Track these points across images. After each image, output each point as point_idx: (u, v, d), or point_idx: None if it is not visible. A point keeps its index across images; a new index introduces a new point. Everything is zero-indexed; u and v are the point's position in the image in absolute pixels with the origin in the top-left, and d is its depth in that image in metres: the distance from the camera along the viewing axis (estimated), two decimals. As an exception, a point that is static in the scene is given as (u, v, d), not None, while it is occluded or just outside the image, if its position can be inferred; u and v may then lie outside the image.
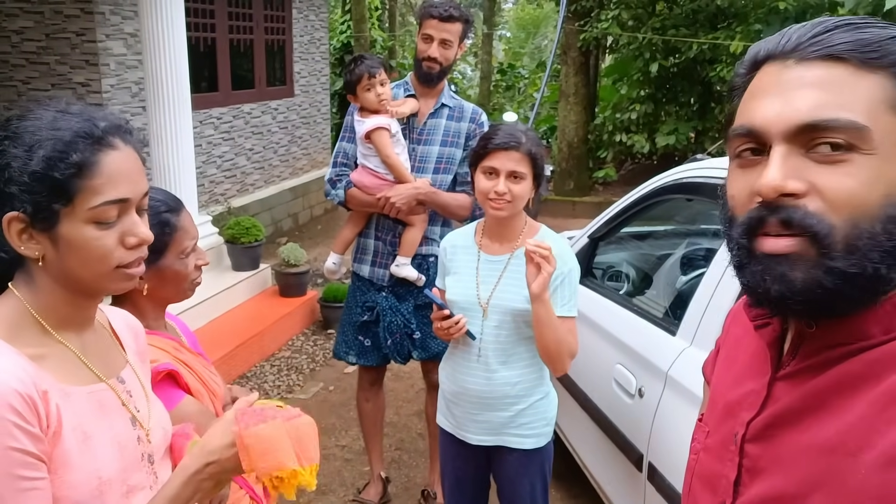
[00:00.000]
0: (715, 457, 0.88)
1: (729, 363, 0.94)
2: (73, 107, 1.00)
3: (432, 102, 2.88)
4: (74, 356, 1.02)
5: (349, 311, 3.05)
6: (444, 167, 2.86)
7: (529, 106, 13.71)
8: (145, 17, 4.15)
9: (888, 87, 0.70)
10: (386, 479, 3.23)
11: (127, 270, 1.01)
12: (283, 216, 7.84)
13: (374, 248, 2.95)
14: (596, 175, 9.80)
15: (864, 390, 0.72)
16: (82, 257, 0.97)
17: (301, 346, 4.90)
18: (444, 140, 2.86)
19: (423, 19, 2.79)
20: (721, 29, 7.88)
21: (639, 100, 8.99)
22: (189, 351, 1.55)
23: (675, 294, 2.78)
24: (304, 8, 8.30)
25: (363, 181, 2.84)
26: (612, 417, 2.51)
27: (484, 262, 2.16)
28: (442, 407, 2.32)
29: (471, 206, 2.84)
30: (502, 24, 22.59)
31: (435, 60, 2.77)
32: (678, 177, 2.63)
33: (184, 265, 1.50)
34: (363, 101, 2.77)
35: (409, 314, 2.93)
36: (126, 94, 5.54)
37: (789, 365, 0.81)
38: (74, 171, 0.94)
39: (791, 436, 0.77)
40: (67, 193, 0.94)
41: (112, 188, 0.97)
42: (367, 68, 2.73)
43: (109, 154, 0.97)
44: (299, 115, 8.31)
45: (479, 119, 2.90)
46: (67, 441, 0.94)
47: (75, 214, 0.95)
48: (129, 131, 1.03)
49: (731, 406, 0.87)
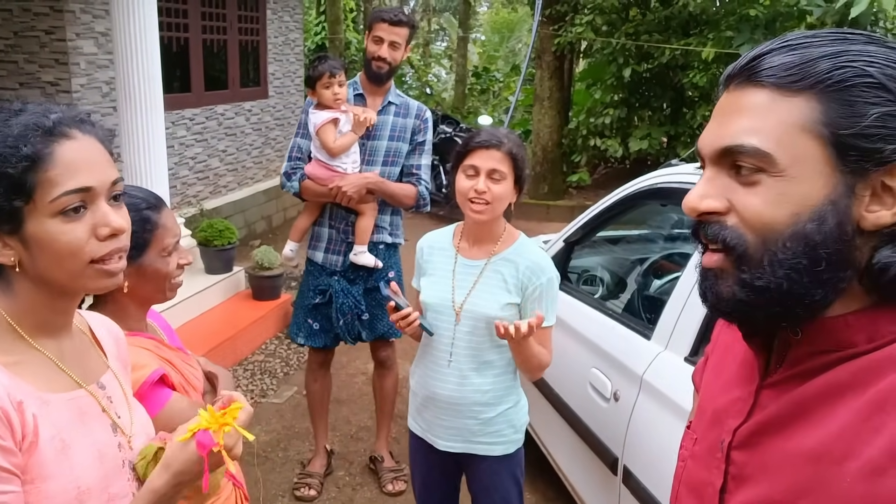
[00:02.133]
0: (702, 464, 0.88)
1: (718, 371, 0.95)
2: (30, 105, 0.97)
3: (380, 100, 3.12)
4: (52, 362, 0.99)
5: (302, 296, 3.29)
6: (391, 160, 3.12)
7: (504, 109, 13.76)
8: (117, 16, 4.08)
9: (806, 109, 0.72)
10: (330, 452, 3.50)
11: (104, 266, 0.98)
12: (256, 218, 7.77)
13: (328, 235, 3.19)
14: (570, 179, 9.85)
15: (850, 398, 0.73)
16: (53, 254, 0.94)
17: (275, 349, 4.85)
18: (392, 135, 3.12)
19: (374, 23, 3.04)
20: (693, 35, 7.98)
21: (612, 104, 9.05)
22: (169, 348, 1.54)
23: (650, 298, 2.81)
24: (279, 9, 8.24)
25: (316, 173, 3.06)
26: (588, 421, 2.52)
27: (461, 266, 2.15)
28: (412, 410, 2.31)
29: (416, 195, 3.13)
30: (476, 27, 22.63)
31: (384, 60, 3.00)
32: (652, 182, 2.66)
33: (165, 263, 1.49)
34: (320, 97, 3.01)
35: (359, 296, 3.17)
36: (97, 93, 5.45)
37: (776, 373, 0.82)
38: (28, 164, 0.91)
39: (777, 443, 0.78)
40: (25, 189, 0.91)
41: (70, 178, 0.94)
42: (329, 68, 2.97)
43: (64, 144, 0.95)
44: (273, 117, 8.25)
45: (423, 115, 3.17)
46: (44, 451, 0.92)
47: (38, 210, 0.93)
48: (88, 122, 1.00)
49: (719, 413, 0.88)
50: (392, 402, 3.50)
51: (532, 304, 2.06)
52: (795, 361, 0.80)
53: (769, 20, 7.17)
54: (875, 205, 0.72)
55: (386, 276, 3.20)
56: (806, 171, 0.72)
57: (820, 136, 0.72)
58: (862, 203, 0.72)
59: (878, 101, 0.70)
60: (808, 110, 0.72)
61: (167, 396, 1.40)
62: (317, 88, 3.00)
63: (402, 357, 4.20)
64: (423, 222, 8.43)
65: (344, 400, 4.19)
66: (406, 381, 4.28)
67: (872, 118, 0.70)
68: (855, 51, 0.72)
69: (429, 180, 3.20)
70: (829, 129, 0.71)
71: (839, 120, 0.71)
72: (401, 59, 3.08)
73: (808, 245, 0.72)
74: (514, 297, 2.07)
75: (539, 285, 2.05)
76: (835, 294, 0.74)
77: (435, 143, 8.86)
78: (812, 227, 0.72)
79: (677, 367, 2.11)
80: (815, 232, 0.72)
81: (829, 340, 0.76)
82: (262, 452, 3.60)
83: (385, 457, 3.45)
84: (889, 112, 0.69)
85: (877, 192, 0.72)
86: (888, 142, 0.70)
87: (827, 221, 0.72)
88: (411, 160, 3.14)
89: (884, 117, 0.69)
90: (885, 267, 0.71)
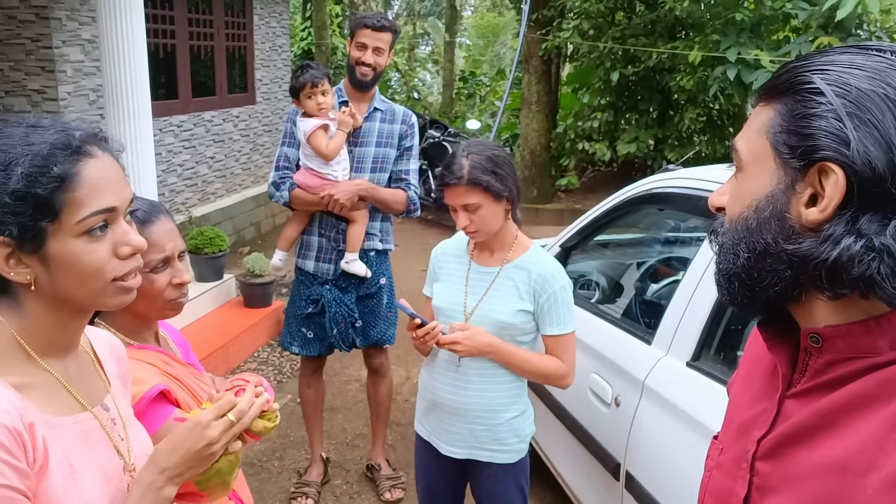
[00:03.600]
0: (727, 474, 0.88)
1: (747, 382, 0.95)
2: (44, 120, 0.95)
3: (365, 107, 3.11)
4: (59, 384, 0.97)
5: (294, 305, 3.26)
6: (380, 166, 3.11)
7: (490, 114, 13.77)
8: (103, 23, 4.04)
9: (768, 114, 0.79)
10: (326, 460, 3.47)
11: (123, 283, 0.97)
12: (245, 225, 7.72)
13: (318, 244, 3.16)
14: (559, 183, 9.87)
15: (874, 410, 0.73)
16: (76, 274, 0.93)
17: (267, 357, 4.82)
18: (379, 141, 3.11)
19: (357, 28, 3.03)
20: (679, 39, 8.02)
21: (600, 108, 9.08)
22: (180, 363, 1.50)
23: (650, 303, 2.81)
24: (266, 14, 8.21)
25: (307, 182, 3.04)
26: (588, 427, 2.52)
27: (474, 273, 2.15)
28: (419, 413, 2.31)
29: (406, 200, 3.13)
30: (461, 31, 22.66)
31: (369, 66, 3.00)
32: (650, 187, 2.66)
33: (150, 280, 1.43)
34: (305, 107, 3.00)
35: (352, 304, 3.16)
36: (83, 101, 5.40)
37: (799, 383, 0.82)
38: (57, 185, 0.90)
39: (801, 454, 0.78)
40: (52, 209, 0.90)
41: (97, 198, 0.93)
42: (310, 78, 2.95)
43: (89, 163, 0.94)
44: (261, 123, 8.20)
45: (409, 121, 3.17)
46: (54, 476, 0.89)
47: (63, 230, 0.91)
48: (104, 138, 0.99)
49: (745, 424, 0.88)
50: (387, 408, 3.48)
51: (547, 312, 2.07)
52: (818, 371, 0.80)
53: (754, 24, 7.22)
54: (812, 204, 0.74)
55: (379, 284, 3.19)
56: (757, 168, 0.79)
57: (767, 136, 0.78)
58: (800, 200, 0.75)
59: (811, 105, 0.74)
60: (767, 115, 0.79)
61: (168, 413, 1.36)
62: (300, 98, 2.99)
63: (396, 363, 4.19)
64: (412, 227, 8.41)
65: (338, 407, 4.17)
66: (400, 388, 4.30)
67: (798, 118, 0.75)
68: (820, 61, 0.76)
69: (418, 185, 3.20)
70: (773, 130, 0.78)
71: (779, 121, 0.77)
72: (385, 65, 3.07)
73: (747, 230, 0.79)
74: (526, 304, 2.07)
75: (552, 293, 2.06)
76: (784, 284, 0.77)
77: (423, 148, 8.95)
78: (750, 214, 0.79)
79: (679, 371, 2.11)
80: (752, 219, 0.79)
81: (850, 347, 0.76)
82: (258, 462, 3.56)
83: (382, 464, 3.43)
84: (815, 113, 0.73)
85: (817, 192, 0.74)
86: (815, 140, 0.73)
87: (763, 211, 0.78)
88: (400, 165, 3.14)
89: (808, 118, 0.73)
90: (833, 264, 0.72)
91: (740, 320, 2.10)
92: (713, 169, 2.50)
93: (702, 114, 8.24)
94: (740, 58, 6.76)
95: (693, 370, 2.07)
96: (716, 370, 2.00)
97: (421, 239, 8.01)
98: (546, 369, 2.10)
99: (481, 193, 1.99)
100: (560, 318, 2.07)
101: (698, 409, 1.93)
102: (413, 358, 4.73)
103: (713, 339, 2.09)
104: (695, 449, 1.89)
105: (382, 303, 3.23)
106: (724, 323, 2.08)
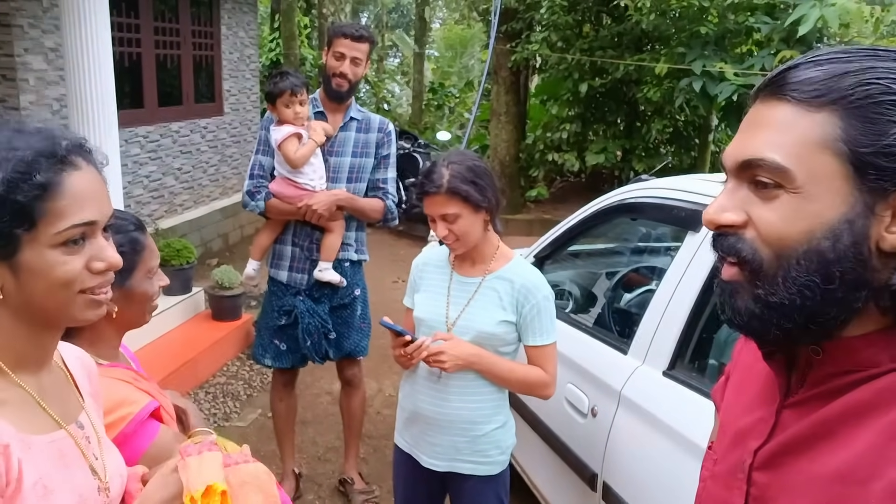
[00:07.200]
0: (722, 485, 0.87)
1: (739, 391, 0.94)
2: (29, 125, 0.93)
3: (341, 117, 3.08)
4: (33, 400, 0.94)
5: (266, 316, 3.21)
6: (356, 176, 3.08)
7: (459, 125, 13.82)
8: (67, 31, 3.95)
9: (828, 125, 0.71)
10: (298, 474, 3.41)
11: (93, 296, 0.94)
12: (212, 236, 7.60)
13: (292, 253, 3.11)
14: (529, 194, 9.92)
15: (873, 419, 0.72)
16: (46, 284, 0.90)
17: (237, 371, 4.73)
18: (355, 151, 3.08)
19: (335, 38, 2.98)
20: (646, 51, 8.14)
21: (568, 119, 9.16)
22: (145, 378, 1.48)
23: (625, 312, 2.82)
24: (234, 24, 8.13)
25: (284, 192, 2.99)
26: (564, 437, 2.51)
27: (456, 283, 2.14)
28: (399, 425, 2.28)
29: (384, 209, 3.11)
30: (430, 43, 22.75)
31: (345, 77, 2.96)
32: (623, 197, 2.67)
33: (150, 285, 1.46)
34: (280, 114, 2.93)
35: (325, 315, 3.11)
36: (46, 110, 5.28)
37: (797, 393, 0.81)
38: (38, 193, 0.87)
39: (799, 464, 0.77)
40: (31, 217, 0.87)
41: (78, 210, 0.90)
42: (290, 85, 2.89)
43: (73, 174, 0.91)
44: (229, 134, 8.11)
45: (386, 129, 3.13)
46: (27, 499, 0.86)
47: (39, 240, 0.88)
48: (89, 150, 0.96)
49: (740, 434, 0.87)
50: (360, 421, 3.44)
51: (530, 322, 2.06)
52: (818, 381, 0.79)
53: (719, 37, 7.35)
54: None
55: (354, 295, 3.16)
56: (823, 189, 0.71)
57: (839, 154, 0.71)
58: (882, 223, 0.71)
59: None
60: (829, 127, 0.71)
61: (156, 430, 1.34)
62: (277, 105, 2.92)
63: (368, 375, 4.14)
64: (382, 238, 8.38)
65: (309, 421, 4.11)
66: (372, 400, 4.25)
67: (894, 136, 0.68)
68: (883, 68, 0.71)
69: (395, 193, 3.18)
70: (849, 147, 0.70)
71: (859, 137, 0.70)
72: (362, 75, 3.04)
73: (821, 263, 0.71)
74: (509, 314, 2.06)
75: (535, 304, 2.05)
76: (849, 313, 0.73)
77: (394, 159, 8.92)
78: (826, 244, 0.71)
79: (656, 381, 2.11)
80: (829, 250, 0.71)
81: (852, 360, 0.76)
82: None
83: (355, 478, 3.39)
84: None
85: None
86: None
87: (842, 240, 0.71)
88: (377, 174, 3.11)
89: None
90: None
91: (713, 328, 2.12)
92: (686, 179, 2.52)
93: (668, 125, 8.36)
94: (705, 70, 6.87)
95: (669, 379, 2.07)
96: (691, 379, 2.01)
97: (391, 250, 7.98)
98: (530, 379, 2.09)
99: (460, 203, 1.98)
100: (543, 328, 2.06)
101: (675, 418, 1.94)
102: (386, 370, 4.70)
103: (687, 349, 2.10)
104: (671, 458, 1.89)
105: (356, 314, 3.19)
106: (698, 331, 2.09)
